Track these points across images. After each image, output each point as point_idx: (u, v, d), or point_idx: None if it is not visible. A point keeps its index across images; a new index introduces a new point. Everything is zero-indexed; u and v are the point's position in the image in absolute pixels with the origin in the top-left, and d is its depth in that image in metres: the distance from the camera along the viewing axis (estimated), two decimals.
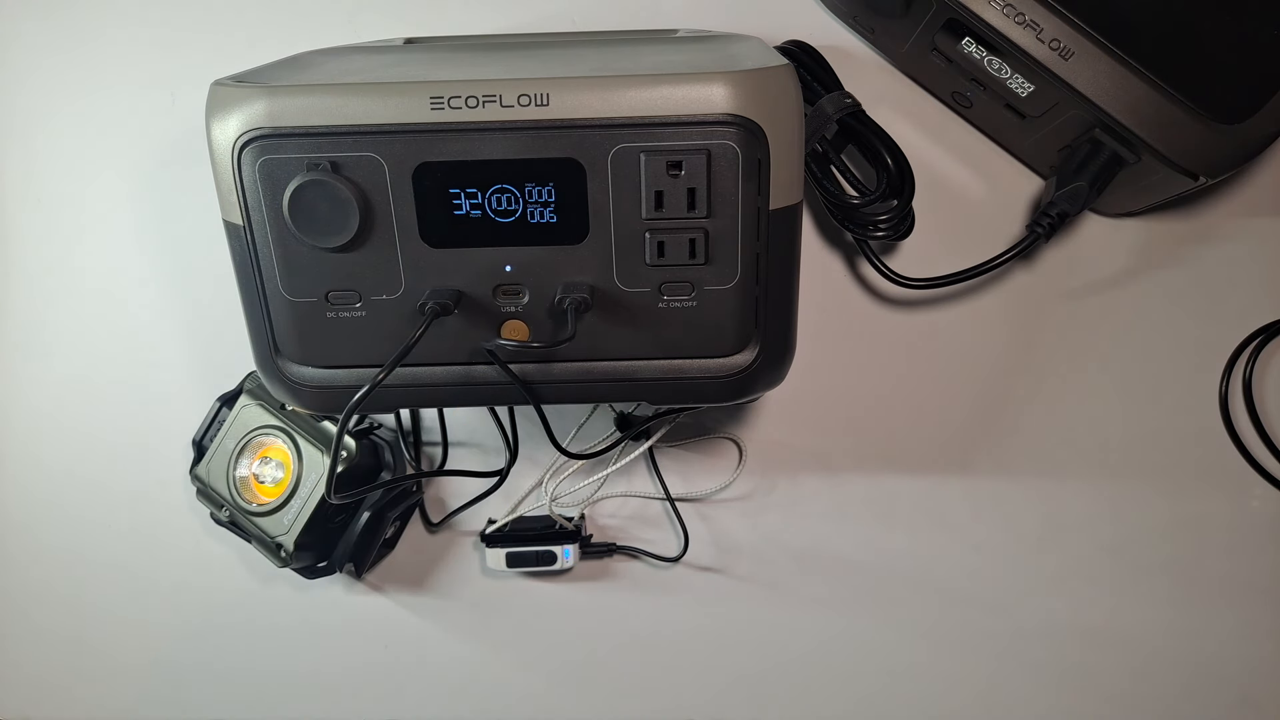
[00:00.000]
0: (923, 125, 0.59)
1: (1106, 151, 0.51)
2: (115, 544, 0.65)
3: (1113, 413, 0.61)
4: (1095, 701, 0.64)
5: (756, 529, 0.63)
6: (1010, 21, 0.48)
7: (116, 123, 0.60)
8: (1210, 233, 0.59)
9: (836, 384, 0.61)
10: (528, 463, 0.62)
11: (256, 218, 0.41)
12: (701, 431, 0.62)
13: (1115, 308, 0.60)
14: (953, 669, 0.64)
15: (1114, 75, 0.47)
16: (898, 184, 0.54)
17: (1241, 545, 0.62)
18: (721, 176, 0.40)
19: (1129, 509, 0.62)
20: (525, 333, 0.43)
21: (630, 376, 0.44)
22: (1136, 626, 0.63)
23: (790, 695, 0.64)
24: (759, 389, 0.46)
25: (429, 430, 0.63)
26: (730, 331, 0.43)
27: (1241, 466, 0.61)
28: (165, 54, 0.60)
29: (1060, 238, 0.59)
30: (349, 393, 0.41)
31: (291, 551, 0.56)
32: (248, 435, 0.58)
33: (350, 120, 0.39)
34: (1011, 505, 0.62)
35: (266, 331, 0.44)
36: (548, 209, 0.41)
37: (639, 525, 0.64)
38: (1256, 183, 0.58)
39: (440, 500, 0.64)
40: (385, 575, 0.64)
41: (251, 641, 0.65)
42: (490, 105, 0.39)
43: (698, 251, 0.41)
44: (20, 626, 0.66)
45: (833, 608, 0.63)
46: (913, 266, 0.58)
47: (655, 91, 0.39)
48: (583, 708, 0.65)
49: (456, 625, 0.65)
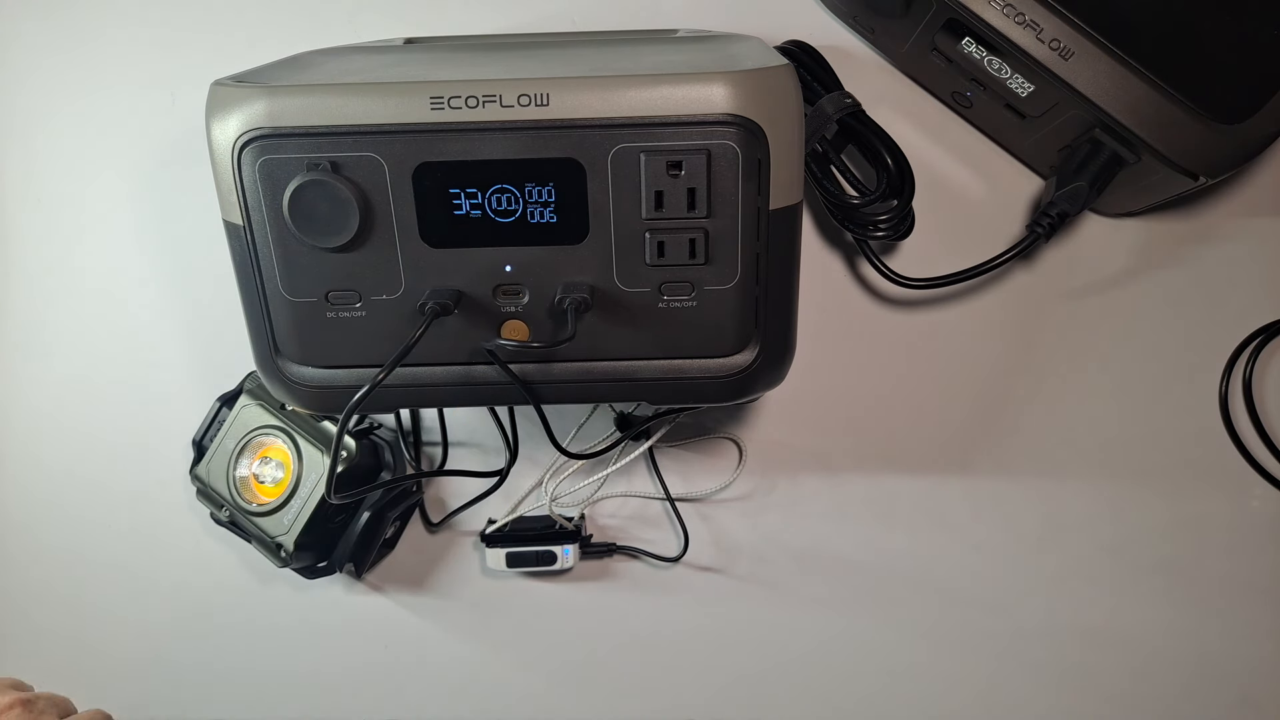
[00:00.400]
0: (923, 125, 0.59)
1: (1106, 151, 0.51)
2: (115, 544, 0.65)
3: (1112, 412, 0.61)
4: (1095, 701, 0.64)
5: (756, 529, 0.63)
6: (1010, 21, 0.48)
7: (116, 123, 0.60)
8: (1210, 233, 0.59)
9: (836, 384, 0.61)
10: (528, 463, 0.62)
11: (256, 218, 0.41)
12: (701, 431, 0.62)
13: (1115, 308, 0.60)
14: (953, 669, 0.64)
15: (1114, 75, 0.47)
16: (898, 184, 0.54)
17: (1241, 545, 0.62)
18: (721, 176, 0.40)
19: (1129, 509, 0.62)
20: (525, 333, 0.43)
21: (630, 376, 0.44)
22: (1136, 626, 0.63)
23: (790, 695, 0.64)
24: (759, 389, 0.46)
25: (429, 430, 0.63)
26: (730, 331, 0.43)
27: (1241, 466, 0.61)
28: (165, 54, 0.60)
29: (1060, 238, 0.59)
30: (349, 393, 0.41)
31: (291, 551, 0.56)
32: (248, 435, 0.58)
33: (350, 120, 0.39)
34: (1011, 505, 0.62)
35: (266, 331, 0.44)
36: (548, 209, 0.41)
37: (639, 525, 0.64)
38: (1256, 183, 0.58)
39: (440, 500, 0.64)
40: (385, 575, 0.64)
41: (251, 641, 0.65)
42: (490, 105, 0.39)
43: (698, 251, 0.41)
44: (20, 626, 0.66)
45: (833, 608, 0.63)
46: (913, 266, 0.58)
47: (655, 91, 0.39)
48: (583, 708, 0.65)
49: (456, 625, 0.65)
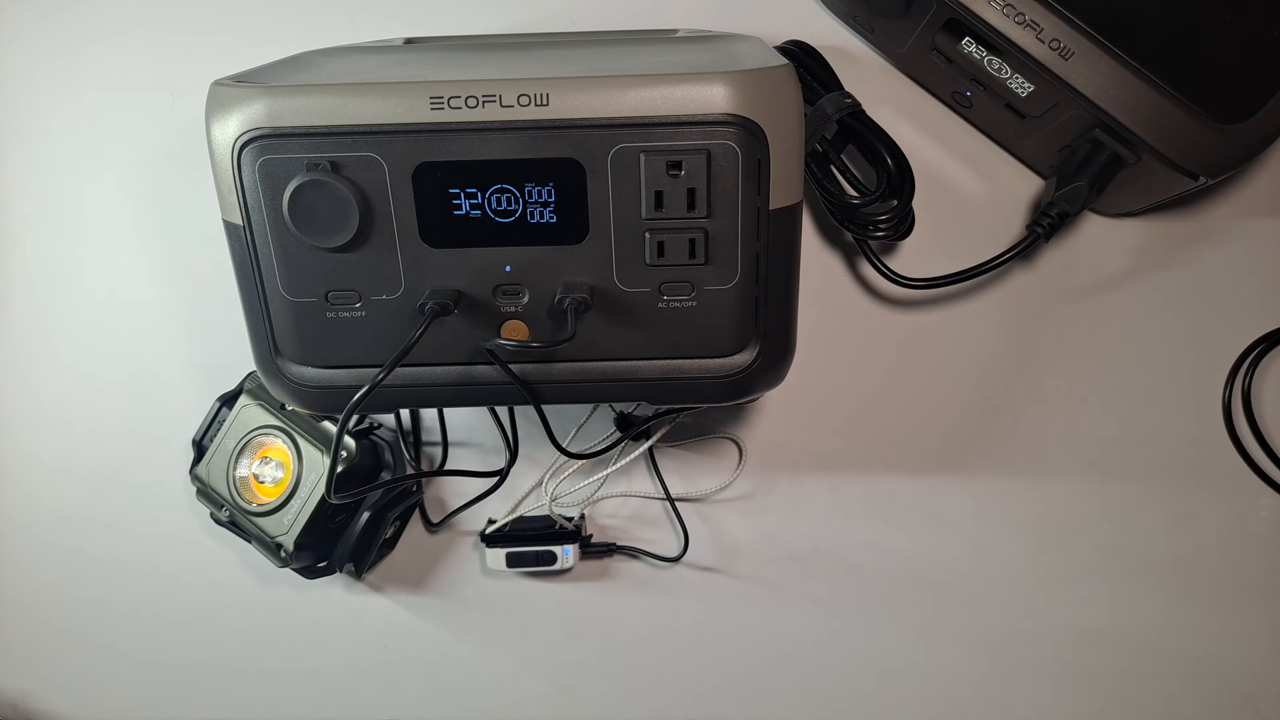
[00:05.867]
0: (923, 125, 0.59)
1: (1106, 151, 0.51)
2: (115, 544, 0.65)
3: (1112, 413, 0.61)
4: (1094, 701, 0.64)
5: (756, 529, 0.63)
6: (1010, 21, 0.48)
7: (117, 123, 0.60)
8: (1210, 233, 0.59)
9: (836, 384, 0.61)
10: (528, 463, 0.62)
11: (256, 218, 0.41)
12: (701, 431, 0.62)
13: (1115, 308, 0.60)
14: (952, 669, 0.64)
15: (1114, 75, 0.47)
16: (898, 184, 0.54)
17: (1240, 545, 0.62)
18: (721, 176, 0.40)
19: (1128, 509, 0.62)
20: (525, 333, 0.43)
21: (630, 376, 0.44)
22: (1135, 627, 0.63)
23: (790, 695, 0.64)
24: (759, 389, 0.46)
25: (429, 430, 0.63)
26: (730, 331, 0.43)
27: (1240, 467, 0.61)
28: (165, 54, 0.60)
29: (1060, 238, 0.59)
30: (349, 393, 0.41)
31: (291, 551, 0.56)
32: (248, 435, 0.58)
33: (350, 120, 0.39)
34: (1011, 505, 0.62)
35: (266, 331, 0.44)
36: (547, 209, 0.41)
37: (639, 525, 0.64)
38: (1256, 183, 0.58)
39: (440, 500, 0.64)
40: (385, 575, 0.64)
41: (251, 641, 0.65)
42: (490, 105, 0.39)
43: (698, 251, 0.41)
44: (20, 626, 0.66)
45: (832, 608, 0.63)
46: (913, 266, 0.58)
47: (655, 91, 0.39)
48: (582, 708, 0.65)
49: (456, 625, 0.65)
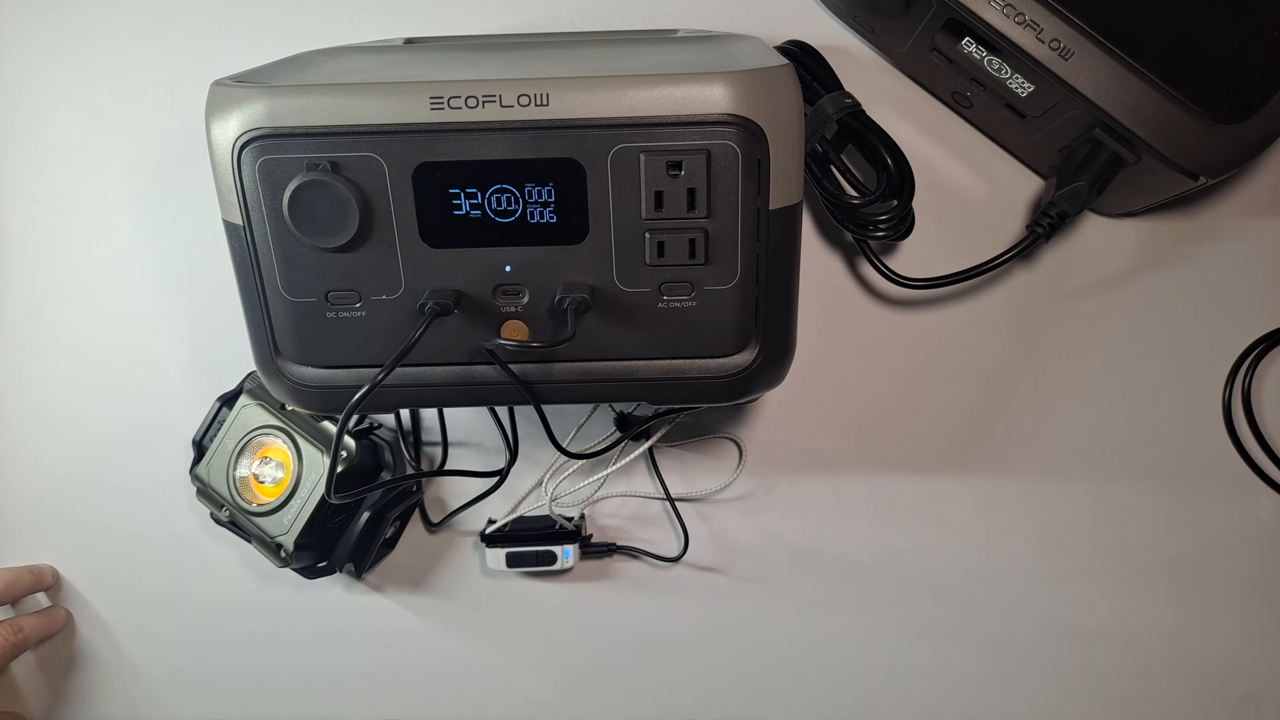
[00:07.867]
0: (923, 125, 0.59)
1: (1106, 151, 0.51)
2: (115, 544, 0.65)
3: (1113, 412, 0.61)
4: (1097, 702, 0.64)
5: (756, 529, 0.63)
6: (1010, 21, 0.48)
7: (117, 123, 0.60)
8: (1210, 233, 0.59)
9: (836, 384, 0.61)
10: (528, 463, 0.62)
11: (256, 218, 0.41)
12: (701, 431, 0.62)
13: (1115, 308, 0.60)
14: (953, 669, 0.64)
15: (1114, 75, 0.47)
16: (898, 184, 0.54)
17: (1243, 545, 0.62)
18: (721, 176, 0.40)
19: (1130, 509, 0.62)
20: (525, 333, 0.43)
21: (630, 376, 0.44)
22: (1138, 627, 0.63)
23: (790, 695, 0.64)
24: (759, 389, 0.46)
25: (429, 430, 0.63)
26: (730, 331, 0.43)
27: (1241, 467, 0.61)
28: (165, 54, 0.60)
29: (1060, 238, 0.59)
30: (349, 393, 0.41)
31: (291, 551, 0.56)
32: (248, 435, 0.58)
33: (350, 120, 0.39)
34: (1011, 505, 0.62)
35: (266, 331, 0.44)
36: (547, 209, 0.41)
37: (639, 525, 0.64)
38: (1256, 183, 0.58)
39: (440, 500, 0.64)
40: (385, 575, 0.64)
41: (251, 641, 0.65)
42: (490, 105, 0.39)
43: (698, 251, 0.41)
44: None
45: (833, 608, 0.63)
46: (913, 266, 0.58)
47: (655, 91, 0.39)
48: (582, 707, 0.65)
49: (456, 625, 0.65)
